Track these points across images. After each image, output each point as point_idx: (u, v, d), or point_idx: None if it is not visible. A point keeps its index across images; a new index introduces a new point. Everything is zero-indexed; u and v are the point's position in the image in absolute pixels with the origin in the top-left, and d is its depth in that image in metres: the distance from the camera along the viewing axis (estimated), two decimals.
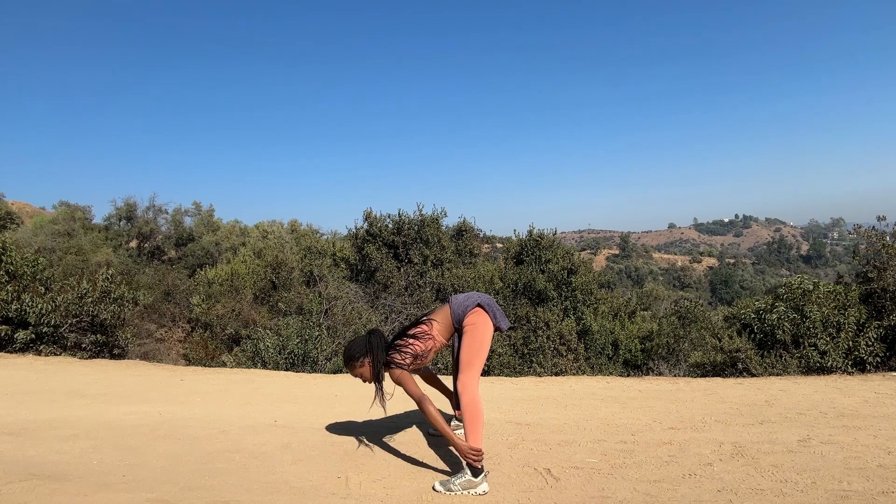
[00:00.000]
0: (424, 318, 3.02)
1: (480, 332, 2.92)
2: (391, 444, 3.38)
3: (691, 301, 13.26)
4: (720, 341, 6.74)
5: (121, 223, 20.06)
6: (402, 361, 2.86)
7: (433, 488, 2.69)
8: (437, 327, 2.98)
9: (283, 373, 6.14)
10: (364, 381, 2.95)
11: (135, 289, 8.21)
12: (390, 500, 2.61)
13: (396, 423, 3.83)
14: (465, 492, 2.64)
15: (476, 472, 2.66)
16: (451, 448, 3.25)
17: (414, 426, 3.74)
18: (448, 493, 2.64)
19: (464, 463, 2.73)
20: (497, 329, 3.02)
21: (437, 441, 3.42)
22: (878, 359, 5.74)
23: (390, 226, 10.82)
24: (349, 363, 2.93)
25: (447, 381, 3.63)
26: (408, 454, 3.20)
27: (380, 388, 2.96)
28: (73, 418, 3.96)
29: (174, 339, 10.61)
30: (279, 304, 9.32)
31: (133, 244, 19.66)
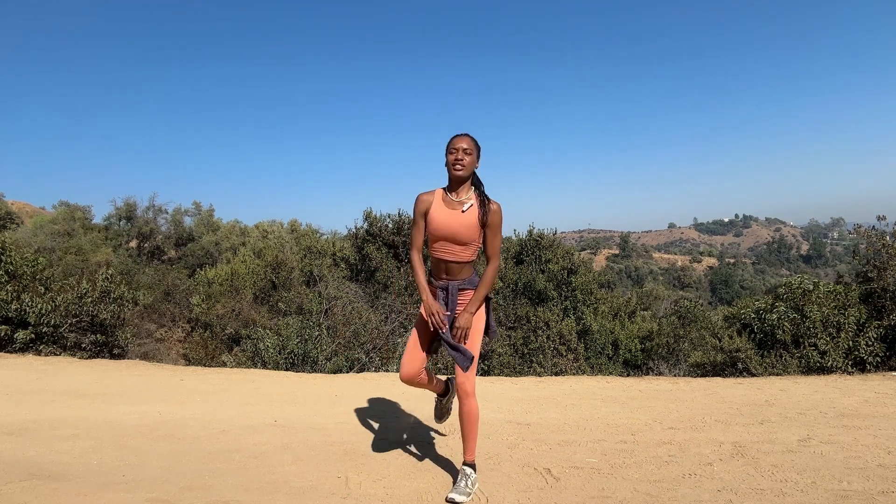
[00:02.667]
0: None
1: (482, 325, 2.79)
2: (391, 444, 3.38)
3: (691, 301, 13.29)
4: (720, 341, 6.74)
5: (121, 223, 20.07)
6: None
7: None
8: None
9: (283, 373, 6.13)
10: (460, 170, 2.67)
11: (135, 289, 8.20)
12: (390, 500, 2.61)
13: (397, 423, 3.83)
14: (476, 486, 2.68)
15: (473, 466, 2.70)
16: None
17: (414, 426, 3.75)
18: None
19: (463, 464, 2.72)
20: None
21: (437, 441, 3.43)
22: (878, 359, 5.73)
23: (390, 225, 10.83)
24: (473, 140, 2.73)
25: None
26: (408, 454, 3.20)
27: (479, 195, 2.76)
28: (73, 418, 3.96)
29: (174, 339, 10.62)
30: (279, 304, 9.33)
31: (133, 244, 19.67)
